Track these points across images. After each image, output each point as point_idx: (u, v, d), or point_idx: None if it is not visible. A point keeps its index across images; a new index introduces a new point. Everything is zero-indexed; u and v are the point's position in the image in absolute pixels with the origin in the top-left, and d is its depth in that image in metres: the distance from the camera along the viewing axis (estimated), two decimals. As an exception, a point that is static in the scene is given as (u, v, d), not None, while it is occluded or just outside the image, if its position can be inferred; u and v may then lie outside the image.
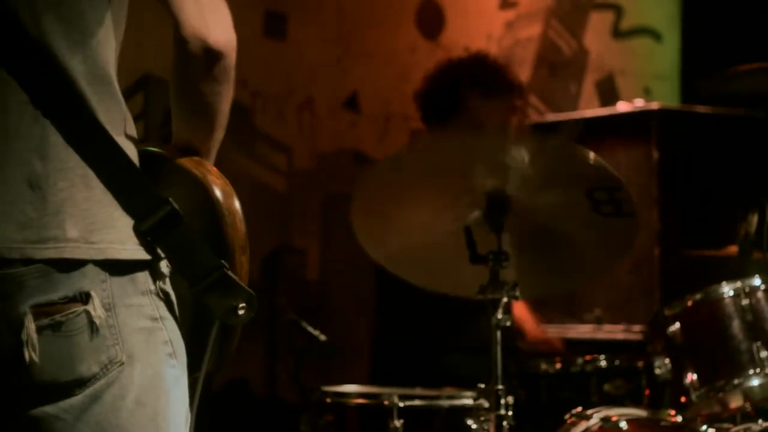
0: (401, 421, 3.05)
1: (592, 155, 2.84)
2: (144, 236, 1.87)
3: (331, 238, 5.22)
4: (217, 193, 1.91)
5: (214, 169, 1.95)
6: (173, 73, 1.93)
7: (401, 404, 3.07)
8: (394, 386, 3.38)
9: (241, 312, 1.89)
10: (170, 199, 1.86)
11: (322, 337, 3.39)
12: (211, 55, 1.88)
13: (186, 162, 1.94)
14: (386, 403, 3.08)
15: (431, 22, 5.44)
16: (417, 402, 3.11)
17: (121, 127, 1.91)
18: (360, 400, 3.19)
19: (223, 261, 1.88)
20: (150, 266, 1.90)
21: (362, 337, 4.29)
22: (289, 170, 5.14)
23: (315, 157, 5.21)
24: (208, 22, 1.87)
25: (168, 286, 1.93)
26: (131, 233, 1.87)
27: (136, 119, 2.01)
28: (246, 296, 1.89)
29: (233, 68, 1.91)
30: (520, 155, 2.86)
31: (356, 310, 4.84)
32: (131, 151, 1.91)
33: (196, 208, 1.90)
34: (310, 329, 3.33)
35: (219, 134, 1.98)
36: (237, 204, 1.93)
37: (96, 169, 1.85)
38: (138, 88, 4.54)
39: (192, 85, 1.91)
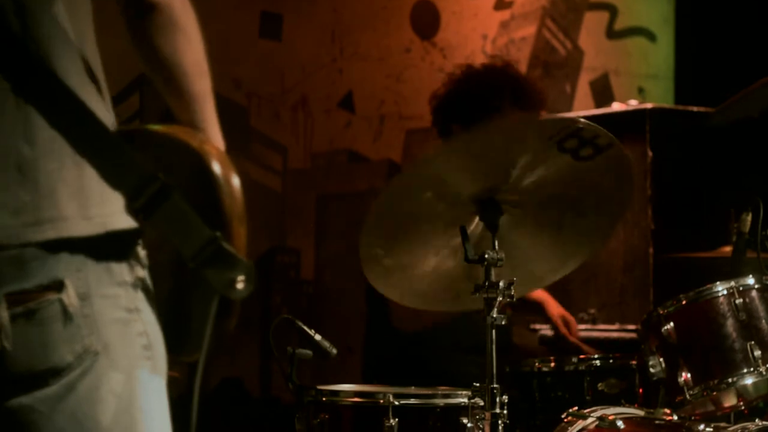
0: (396, 419, 3.05)
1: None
2: (136, 214, 1.83)
3: (326, 238, 5.23)
4: (214, 162, 1.87)
5: (211, 140, 1.94)
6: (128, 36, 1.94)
7: (396, 403, 3.07)
8: (389, 385, 3.38)
9: (239, 285, 1.81)
10: (160, 174, 1.81)
11: (317, 337, 3.38)
12: (147, 8, 1.89)
13: (183, 134, 1.91)
14: (381, 401, 3.08)
15: (426, 23, 5.44)
16: (412, 401, 3.11)
17: (102, 104, 1.89)
18: (355, 399, 3.19)
19: (218, 233, 1.81)
20: (128, 256, 1.87)
21: (356, 336, 4.30)
22: (284, 170, 5.14)
23: (310, 156, 5.21)
24: None
25: (146, 274, 1.90)
26: (123, 204, 1.84)
27: (131, 119, 2.02)
28: (244, 268, 1.81)
29: (182, 17, 1.91)
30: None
31: (350, 309, 4.84)
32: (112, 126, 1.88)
33: (193, 178, 1.86)
34: (305, 328, 3.33)
35: (196, 86, 1.95)
36: (234, 174, 1.89)
37: (81, 151, 1.82)
38: (133, 89, 4.54)
39: (141, 43, 1.93)
